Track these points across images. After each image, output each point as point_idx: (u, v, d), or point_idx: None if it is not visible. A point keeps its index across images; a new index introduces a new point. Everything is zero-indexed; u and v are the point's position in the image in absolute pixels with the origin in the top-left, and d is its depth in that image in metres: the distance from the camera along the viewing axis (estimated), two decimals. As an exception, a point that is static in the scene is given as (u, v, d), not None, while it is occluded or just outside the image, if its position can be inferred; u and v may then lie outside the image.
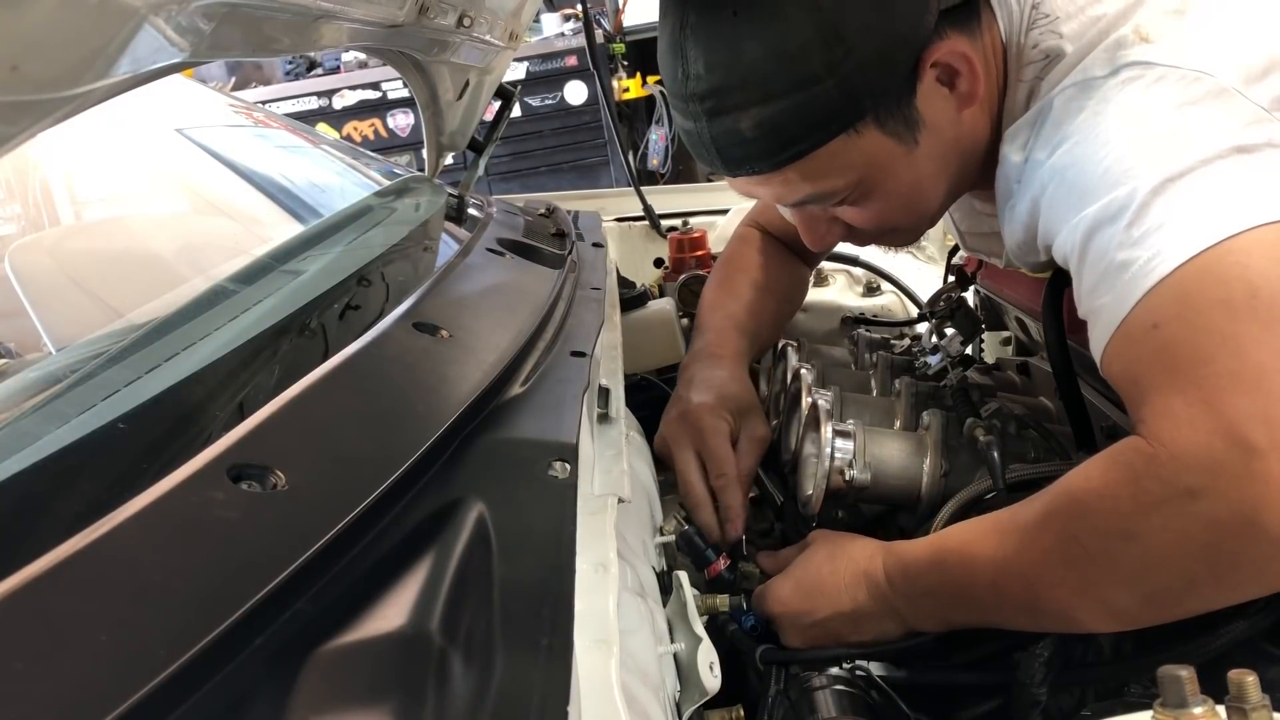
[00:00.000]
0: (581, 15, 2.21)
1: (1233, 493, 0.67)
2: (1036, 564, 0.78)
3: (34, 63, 0.47)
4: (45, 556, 0.42)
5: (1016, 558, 0.79)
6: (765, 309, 1.34)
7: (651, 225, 1.96)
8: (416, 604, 0.48)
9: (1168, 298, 0.73)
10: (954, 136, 0.95)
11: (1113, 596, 0.75)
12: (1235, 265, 0.71)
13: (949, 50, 0.90)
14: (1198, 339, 0.71)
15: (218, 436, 0.55)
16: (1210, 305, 0.71)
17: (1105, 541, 0.74)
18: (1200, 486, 0.69)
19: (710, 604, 0.91)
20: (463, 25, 1.14)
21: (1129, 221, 0.76)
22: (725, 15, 0.88)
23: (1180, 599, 0.74)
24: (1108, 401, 1.05)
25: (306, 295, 0.92)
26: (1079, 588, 0.76)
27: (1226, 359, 0.70)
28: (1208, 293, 0.72)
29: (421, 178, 1.58)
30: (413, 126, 4.87)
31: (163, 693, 0.38)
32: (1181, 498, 0.69)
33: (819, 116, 0.89)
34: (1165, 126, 0.79)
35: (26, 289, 1.23)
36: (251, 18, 0.71)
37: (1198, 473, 0.69)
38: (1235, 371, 0.69)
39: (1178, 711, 0.54)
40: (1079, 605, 0.76)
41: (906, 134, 0.92)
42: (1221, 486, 0.68)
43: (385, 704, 0.41)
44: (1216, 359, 0.70)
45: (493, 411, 0.74)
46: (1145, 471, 0.71)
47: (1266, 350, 0.69)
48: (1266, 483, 0.66)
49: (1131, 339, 0.75)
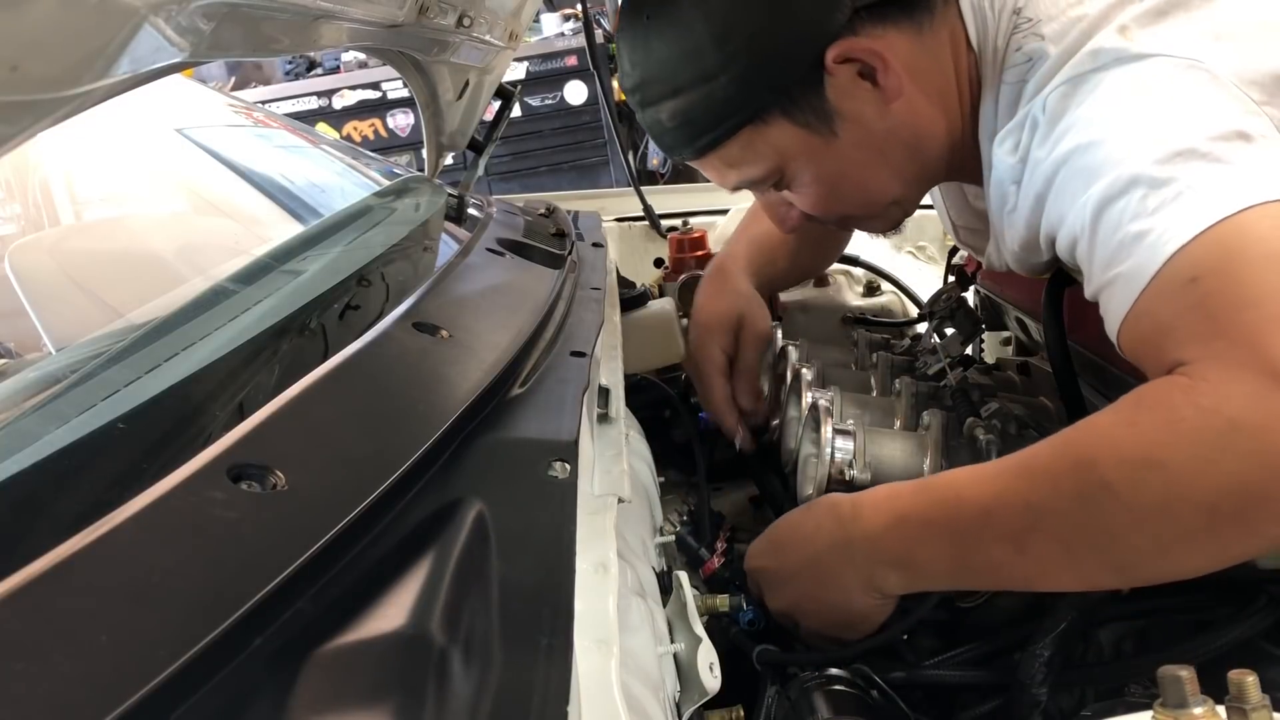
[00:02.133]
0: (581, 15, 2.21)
1: (1276, 428, 0.67)
2: (1042, 489, 0.75)
3: (34, 63, 0.47)
4: (45, 556, 0.42)
5: (1019, 484, 0.77)
6: (785, 243, 1.38)
7: (651, 225, 1.96)
8: (416, 604, 0.48)
9: (1205, 252, 0.72)
10: (885, 129, 0.98)
11: (1124, 535, 0.72)
12: (1272, 225, 0.72)
13: (855, 46, 0.93)
14: (1241, 288, 0.71)
15: (217, 436, 0.55)
16: (1254, 258, 0.71)
17: (1128, 469, 0.71)
18: (1243, 419, 0.68)
19: (710, 604, 0.91)
20: (463, 25, 1.14)
21: (1142, 194, 0.76)
22: (640, 19, 0.99)
23: (1194, 542, 0.71)
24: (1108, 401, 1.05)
25: (306, 295, 0.92)
26: (1084, 523, 0.73)
27: (1272, 305, 0.70)
28: (1250, 248, 0.72)
29: (421, 178, 1.58)
30: (413, 126, 4.87)
31: (163, 693, 0.38)
32: (1221, 428, 0.68)
33: (720, 109, 0.97)
34: (1165, 105, 0.79)
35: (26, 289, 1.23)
36: (251, 18, 0.71)
37: (1242, 405, 0.68)
38: (1274, 312, 0.69)
39: (1178, 711, 0.54)
40: (1080, 546, 0.74)
41: (821, 125, 0.97)
42: (1265, 421, 0.67)
43: (385, 704, 0.41)
44: (1262, 304, 0.70)
45: (493, 411, 0.74)
46: (1184, 401, 0.70)
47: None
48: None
49: (1164, 295, 0.74)
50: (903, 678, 0.89)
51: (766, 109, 0.96)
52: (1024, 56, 0.92)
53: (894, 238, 1.82)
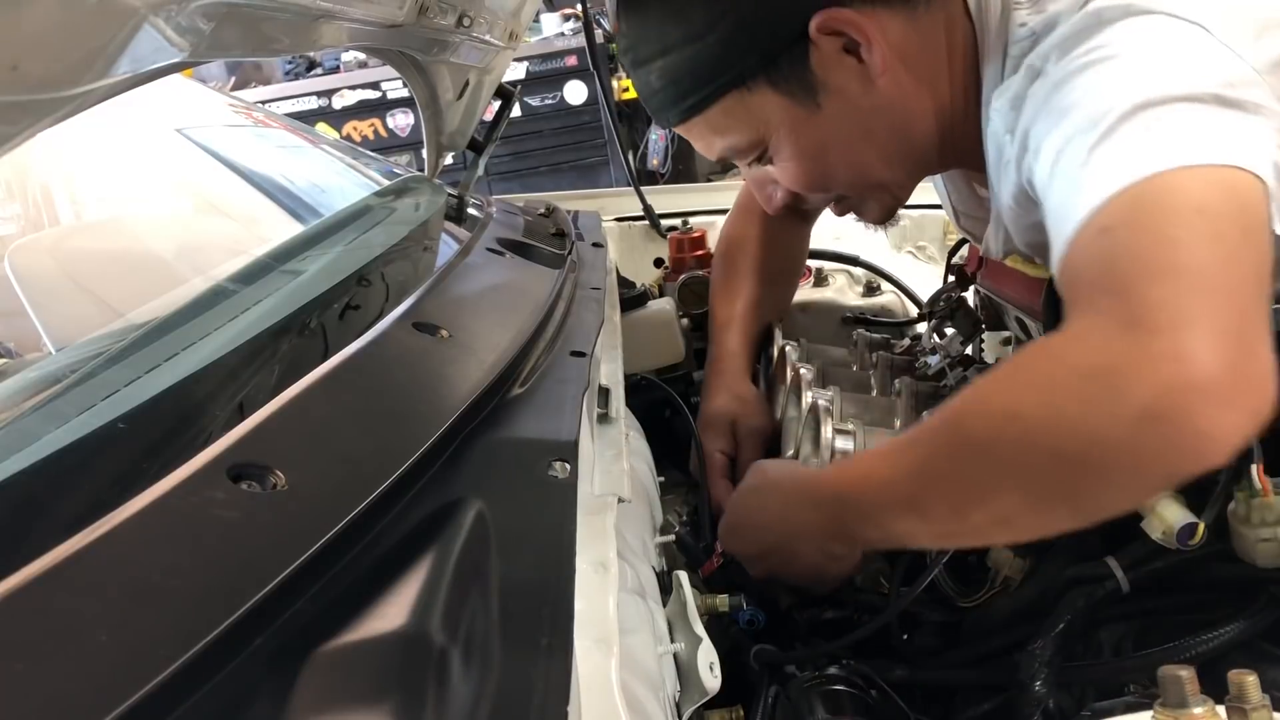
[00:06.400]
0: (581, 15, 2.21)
1: (1120, 370, 0.67)
2: (925, 453, 0.79)
3: (34, 63, 0.47)
4: (45, 556, 0.42)
5: (911, 451, 0.81)
6: (765, 294, 1.43)
7: (651, 225, 1.96)
8: (416, 604, 0.48)
9: (1124, 205, 0.73)
10: (870, 106, 0.98)
11: (996, 490, 0.74)
12: (1193, 188, 0.72)
13: (838, 18, 0.94)
14: (1142, 244, 0.71)
15: (217, 436, 0.55)
16: (1167, 215, 0.71)
17: (991, 423, 0.74)
18: (1093, 366, 0.68)
19: (710, 604, 0.91)
20: (462, 25, 1.14)
21: (1095, 141, 0.76)
22: None
23: (1056, 492, 0.72)
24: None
25: (306, 295, 0.92)
26: (961, 481, 0.76)
27: (1155, 255, 0.70)
28: (1167, 206, 0.72)
29: (421, 178, 1.58)
30: (413, 126, 4.86)
31: (163, 693, 0.38)
32: (1072, 377, 0.69)
33: (707, 70, 0.98)
34: (1152, 59, 0.79)
35: (26, 289, 1.23)
36: (251, 18, 0.71)
37: (1095, 352, 0.69)
38: (1160, 267, 0.69)
39: (1178, 711, 0.54)
40: (965, 504, 0.76)
41: (804, 96, 0.97)
42: (1112, 367, 0.67)
43: (385, 704, 0.41)
44: (1146, 256, 0.70)
45: (493, 411, 0.74)
46: (1051, 354, 0.73)
47: (1195, 253, 0.69)
48: (1154, 362, 0.65)
49: (1081, 245, 0.75)
50: (903, 678, 0.89)
51: (752, 74, 0.97)
52: (1028, 33, 0.91)
53: (893, 237, 1.83)
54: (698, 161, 5.77)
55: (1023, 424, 0.71)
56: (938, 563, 0.92)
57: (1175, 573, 0.87)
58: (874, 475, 0.83)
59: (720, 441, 1.24)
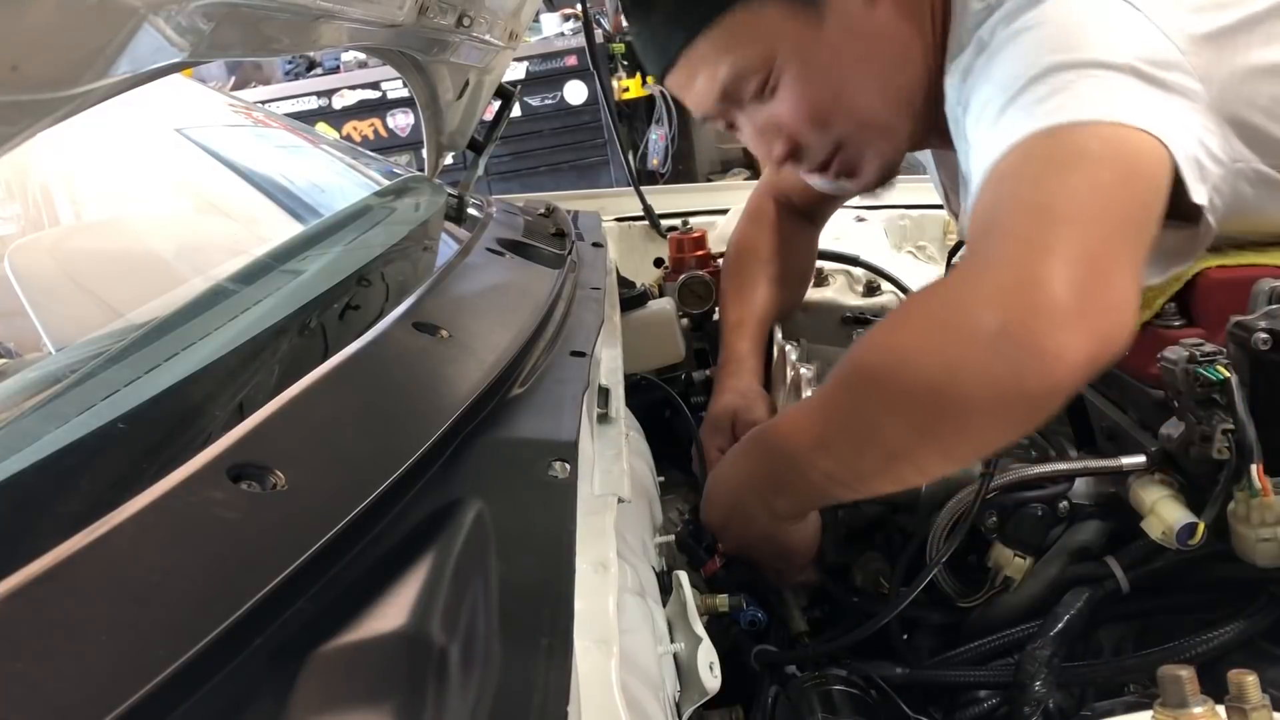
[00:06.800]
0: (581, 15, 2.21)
1: (979, 299, 0.72)
2: (828, 396, 0.85)
3: (34, 63, 0.47)
4: (45, 556, 0.42)
5: (817, 399, 0.89)
6: (776, 298, 1.45)
7: (651, 225, 1.96)
8: (416, 604, 0.48)
9: (1013, 155, 0.78)
10: (871, 31, 1.01)
11: (881, 427, 0.79)
12: (1081, 139, 0.76)
13: None
14: (1016, 186, 0.77)
15: (217, 436, 0.55)
16: (1040, 160, 0.76)
17: (872, 360, 0.80)
18: (956, 297, 0.75)
19: (710, 604, 0.91)
20: (462, 25, 1.14)
21: (1006, 101, 0.81)
22: None
23: (925, 431, 0.76)
24: (1108, 401, 1.05)
25: (306, 295, 0.92)
26: (855, 420, 0.81)
27: (1027, 197, 0.75)
28: (1047, 152, 0.76)
29: (421, 178, 1.58)
30: (413, 126, 4.86)
31: (163, 693, 0.38)
32: (940, 306, 0.76)
33: None
34: (1076, 28, 0.84)
35: (26, 289, 1.23)
36: (251, 18, 0.71)
37: (958, 284, 0.76)
38: (1028, 206, 0.74)
39: (1178, 711, 0.54)
40: (863, 443, 0.81)
41: (809, 10, 1.00)
42: (972, 294, 0.73)
43: (385, 704, 0.41)
44: (1021, 197, 0.76)
45: (492, 411, 0.74)
46: (923, 292, 0.81)
47: (1064, 194, 0.73)
48: (1006, 290, 0.70)
49: (981, 193, 0.79)
50: (903, 677, 0.89)
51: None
52: (983, 5, 0.94)
53: (893, 237, 1.83)
54: (698, 161, 5.78)
55: (898, 355, 0.77)
56: (937, 562, 0.92)
57: (1175, 573, 0.87)
58: (793, 418, 0.90)
59: (720, 440, 1.25)
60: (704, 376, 1.49)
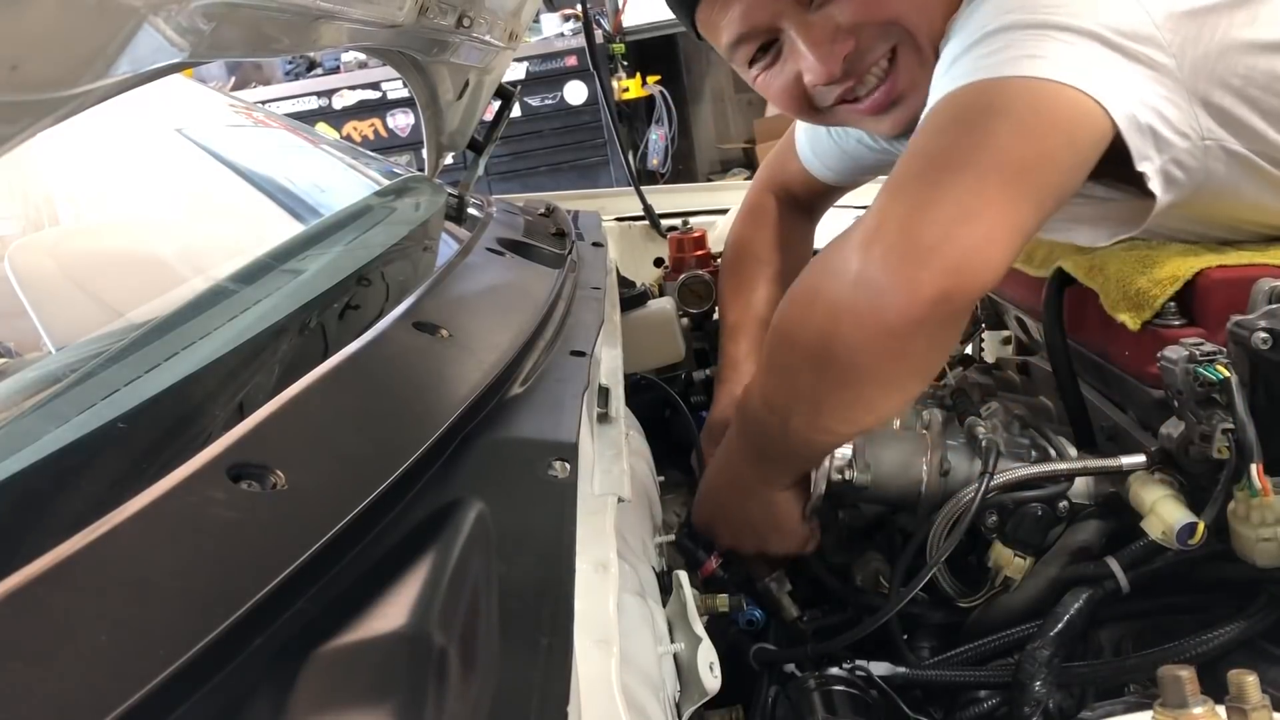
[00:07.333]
0: (581, 15, 2.21)
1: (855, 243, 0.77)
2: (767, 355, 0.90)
3: (34, 63, 0.47)
4: (45, 556, 0.42)
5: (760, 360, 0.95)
6: (775, 297, 1.43)
7: (651, 225, 1.96)
8: (416, 604, 0.48)
9: (935, 109, 0.80)
10: None
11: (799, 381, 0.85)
12: (1000, 93, 0.77)
13: None
14: (924, 138, 0.79)
15: (217, 436, 0.55)
16: (954, 110, 0.79)
17: (786, 310, 0.86)
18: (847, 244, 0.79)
19: (710, 604, 0.91)
20: (462, 25, 1.14)
21: (959, 54, 0.83)
22: None
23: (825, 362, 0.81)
24: (1108, 401, 1.05)
25: (306, 295, 0.92)
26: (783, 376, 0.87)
27: (926, 145, 0.78)
28: (964, 105, 0.78)
29: (421, 178, 1.58)
30: (413, 126, 4.86)
31: (163, 693, 0.38)
32: (833, 256, 0.80)
33: None
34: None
35: (26, 289, 1.23)
36: (251, 18, 0.71)
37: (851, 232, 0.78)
38: (923, 152, 0.77)
39: (1178, 711, 0.54)
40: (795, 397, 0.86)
41: None
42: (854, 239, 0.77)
43: (385, 704, 0.41)
44: (922, 147, 0.78)
45: (492, 411, 0.74)
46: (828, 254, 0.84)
47: (960, 142, 0.76)
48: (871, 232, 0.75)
49: (909, 147, 0.82)
50: (903, 677, 0.89)
51: None
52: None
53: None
54: (698, 161, 5.78)
55: (795, 308, 0.83)
56: (936, 561, 0.92)
57: (1175, 573, 0.87)
58: (747, 385, 0.94)
59: (714, 447, 1.25)
60: (704, 376, 1.49)
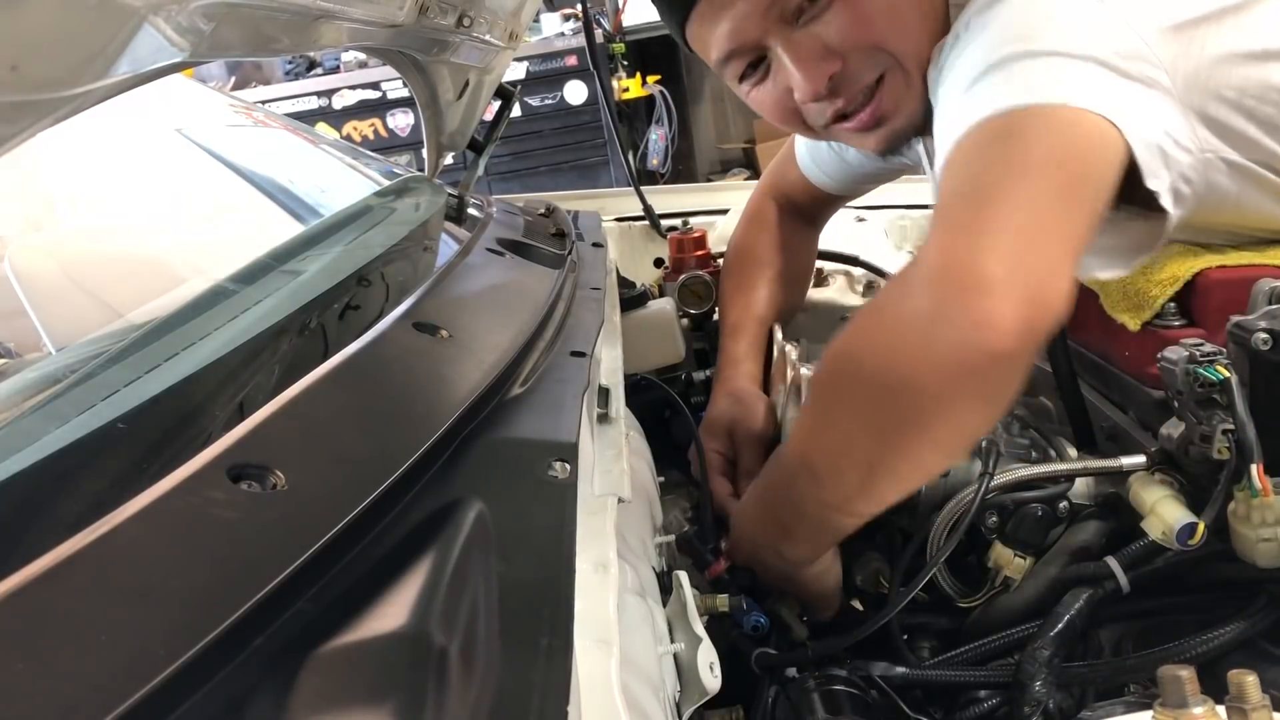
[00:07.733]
0: (581, 15, 2.21)
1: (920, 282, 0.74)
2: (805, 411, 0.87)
3: (34, 63, 0.47)
4: (45, 556, 0.42)
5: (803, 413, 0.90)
6: (776, 300, 1.44)
7: (651, 225, 1.96)
8: (416, 604, 0.48)
9: (960, 146, 0.79)
10: None
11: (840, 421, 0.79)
12: (1021, 122, 0.77)
13: None
14: (962, 171, 0.78)
15: (217, 436, 0.55)
16: (981, 146, 0.78)
17: (833, 363, 0.81)
18: (902, 287, 0.77)
19: (710, 604, 0.91)
20: (463, 25, 1.14)
21: (965, 89, 0.83)
22: None
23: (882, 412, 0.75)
24: (1108, 401, 1.05)
25: (306, 295, 0.92)
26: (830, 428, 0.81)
27: (970, 179, 0.77)
28: (989, 138, 0.78)
29: (421, 178, 1.58)
30: (413, 126, 4.86)
31: (163, 693, 0.38)
32: (887, 299, 0.78)
33: None
34: (1042, 18, 0.85)
35: (26, 289, 1.23)
36: (251, 18, 0.71)
37: (907, 274, 0.76)
38: (969, 189, 0.76)
39: (1178, 711, 0.54)
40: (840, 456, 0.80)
41: None
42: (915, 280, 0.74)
43: (385, 704, 0.41)
44: (965, 181, 0.77)
45: (492, 411, 0.74)
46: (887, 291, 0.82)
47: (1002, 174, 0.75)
48: (940, 270, 0.72)
49: (942, 181, 0.80)
50: (903, 677, 0.89)
51: None
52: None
53: (894, 237, 1.83)
54: (698, 161, 5.78)
55: (851, 360, 0.78)
56: (936, 561, 0.92)
57: (1175, 573, 0.87)
58: (788, 443, 0.89)
59: (717, 444, 1.25)
60: (704, 376, 1.49)
